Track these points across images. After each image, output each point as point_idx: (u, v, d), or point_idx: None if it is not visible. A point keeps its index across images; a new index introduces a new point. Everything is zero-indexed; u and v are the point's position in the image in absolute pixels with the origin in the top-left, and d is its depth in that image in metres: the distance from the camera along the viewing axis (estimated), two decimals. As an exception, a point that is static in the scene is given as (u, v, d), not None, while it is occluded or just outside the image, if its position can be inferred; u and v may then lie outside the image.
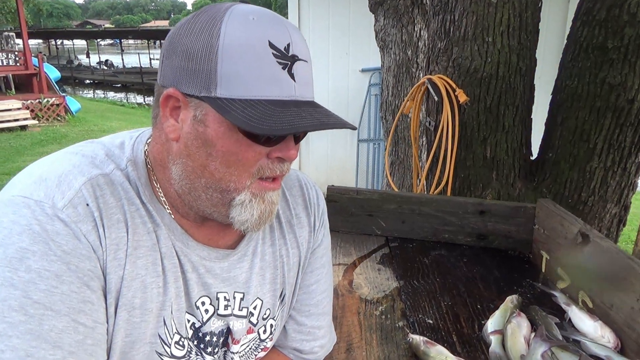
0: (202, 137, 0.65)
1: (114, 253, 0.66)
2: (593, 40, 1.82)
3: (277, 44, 0.63)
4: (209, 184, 0.68)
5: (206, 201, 0.70)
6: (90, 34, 34.99)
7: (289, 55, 0.63)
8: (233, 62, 0.61)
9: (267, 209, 0.71)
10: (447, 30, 1.91)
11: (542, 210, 1.63)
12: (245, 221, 0.70)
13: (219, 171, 0.67)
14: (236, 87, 0.61)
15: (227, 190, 0.68)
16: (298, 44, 0.65)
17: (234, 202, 0.69)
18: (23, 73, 12.22)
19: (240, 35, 0.61)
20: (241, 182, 0.68)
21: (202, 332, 0.78)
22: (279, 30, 0.64)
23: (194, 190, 0.70)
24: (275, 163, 0.69)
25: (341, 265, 1.59)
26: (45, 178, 0.65)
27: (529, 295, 1.42)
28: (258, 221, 0.71)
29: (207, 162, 0.66)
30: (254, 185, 0.69)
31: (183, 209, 0.74)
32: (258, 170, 0.68)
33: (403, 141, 3.04)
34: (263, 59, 0.62)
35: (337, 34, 5.59)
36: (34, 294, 0.58)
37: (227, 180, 0.67)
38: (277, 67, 0.62)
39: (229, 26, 0.62)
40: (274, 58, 0.62)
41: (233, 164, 0.66)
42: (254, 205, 0.69)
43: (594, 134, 1.87)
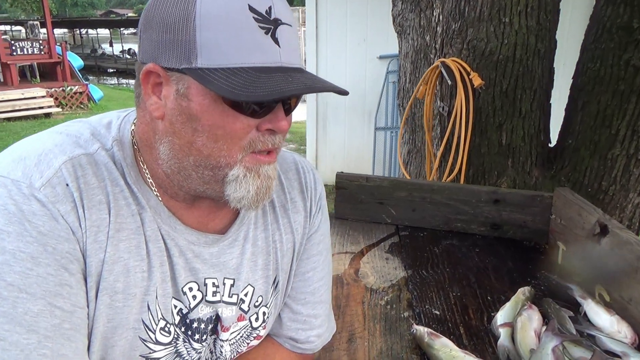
0: (186, 112, 0.62)
1: (95, 235, 0.64)
2: (617, 19, 1.73)
3: (258, 7, 0.59)
4: (199, 162, 0.65)
5: (197, 179, 0.67)
6: (113, 23, 35.37)
7: (271, 19, 0.60)
8: (212, 29, 0.58)
9: (264, 184, 0.67)
10: (462, 10, 1.84)
11: (559, 199, 1.56)
12: (242, 198, 0.67)
13: (207, 147, 0.63)
14: (217, 55, 0.58)
15: (218, 167, 0.65)
16: (280, 6, 0.61)
17: (228, 178, 0.66)
18: (47, 61, 12.45)
19: (218, 1, 0.58)
20: (232, 156, 0.64)
21: (189, 319, 0.75)
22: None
23: (184, 170, 0.67)
24: (267, 135, 0.65)
25: (348, 253, 1.56)
26: (24, 157, 0.63)
27: (543, 287, 1.37)
28: (255, 197, 0.67)
29: (193, 138, 0.63)
30: (247, 158, 0.65)
31: (172, 190, 0.71)
32: (249, 143, 0.64)
33: (421, 129, 2.97)
34: (243, 24, 0.58)
35: (355, 20, 5.49)
36: (7, 276, 0.57)
37: (216, 155, 0.64)
38: (260, 32, 0.59)
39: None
40: (255, 22, 0.59)
41: (221, 137, 0.63)
42: (249, 180, 0.66)
43: (617, 119, 1.78)
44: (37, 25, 14.77)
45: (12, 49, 11.75)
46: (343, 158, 5.97)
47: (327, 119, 5.91)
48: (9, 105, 10.36)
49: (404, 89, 3.05)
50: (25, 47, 12.08)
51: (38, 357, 0.57)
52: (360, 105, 5.74)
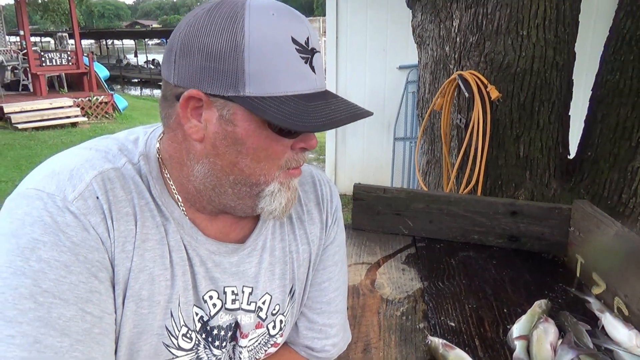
0: (231, 136, 0.66)
1: (122, 245, 0.67)
2: (637, 31, 1.72)
3: (299, 38, 0.64)
4: (238, 180, 0.70)
5: (232, 195, 0.72)
6: (137, 34, 36.21)
7: (309, 49, 0.65)
8: (260, 60, 0.62)
9: (292, 195, 0.75)
10: (480, 24, 1.85)
11: (577, 211, 1.56)
12: (274, 210, 0.73)
13: (249, 167, 0.69)
14: (265, 85, 0.62)
15: (256, 184, 0.71)
16: (313, 36, 0.67)
17: (263, 193, 0.72)
18: (75, 72, 12.78)
19: (265, 33, 0.62)
20: (270, 174, 0.70)
21: (210, 326, 0.79)
22: (299, 25, 0.65)
23: (220, 187, 0.71)
24: (299, 153, 0.72)
25: (365, 264, 1.58)
26: (58, 172, 0.67)
27: (561, 300, 1.36)
28: (285, 208, 0.74)
29: (237, 159, 0.68)
30: (282, 174, 0.71)
31: (200, 204, 0.75)
32: (286, 162, 0.70)
33: (440, 139, 2.97)
34: (288, 55, 0.63)
35: (375, 30, 5.53)
36: (43, 283, 0.60)
37: (257, 174, 0.70)
38: (301, 62, 0.64)
39: (252, 23, 0.62)
40: (297, 53, 0.64)
41: (263, 159, 0.68)
42: (282, 194, 0.72)
43: (637, 131, 1.76)
44: (66, 37, 15.20)
45: (41, 60, 12.13)
46: (362, 168, 5.98)
47: (346, 128, 5.93)
48: (37, 115, 10.67)
49: (423, 99, 3.06)
50: (54, 58, 12.43)
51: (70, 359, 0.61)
52: (379, 115, 5.75)
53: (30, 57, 11.84)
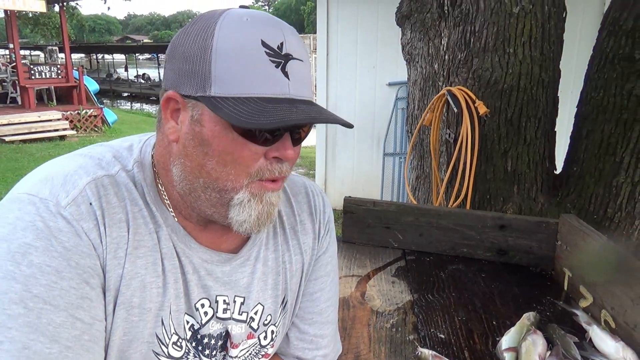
0: (198, 137, 0.66)
1: (114, 252, 0.67)
2: (620, 50, 1.77)
3: (270, 42, 0.63)
4: (207, 184, 0.69)
5: (206, 201, 0.71)
6: (128, 49, 36.25)
7: (282, 53, 0.64)
8: (226, 61, 0.62)
9: (265, 209, 0.70)
10: (467, 41, 1.90)
11: (564, 225, 1.58)
12: (244, 222, 0.70)
13: (216, 170, 0.67)
14: (229, 85, 0.62)
15: (224, 190, 0.68)
16: (292, 43, 0.65)
17: (232, 202, 0.69)
18: (64, 85, 12.74)
19: (233, 36, 0.63)
20: (238, 181, 0.68)
21: (200, 334, 0.78)
22: (272, 30, 0.64)
23: (194, 191, 0.70)
24: (274, 164, 0.69)
25: (355, 276, 1.58)
26: (51, 177, 0.67)
27: (549, 313, 1.37)
28: (257, 222, 0.70)
29: (203, 161, 0.67)
30: (254, 185, 0.69)
31: (186, 211, 0.75)
32: (257, 171, 0.68)
33: (429, 155, 3.01)
34: (255, 57, 0.62)
35: (365, 47, 5.61)
36: (34, 288, 0.60)
37: (224, 179, 0.68)
38: (270, 65, 0.63)
39: (223, 28, 0.63)
40: (267, 56, 0.63)
41: (229, 163, 0.66)
42: (252, 205, 0.69)
43: (621, 147, 1.80)
44: (56, 50, 15.18)
45: (30, 73, 12.07)
46: (352, 183, 6.00)
47: (336, 144, 5.97)
48: (25, 128, 10.58)
49: (412, 115, 3.10)
50: (43, 71, 12.39)
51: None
52: (369, 130, 5.80)
53: (20, 70, 11.80)
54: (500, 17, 1.82)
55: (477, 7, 1.88)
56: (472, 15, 1.88)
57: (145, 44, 35.22)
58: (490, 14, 1.83)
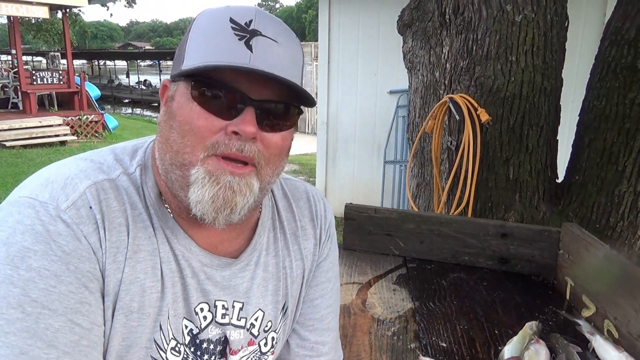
0: (170, 111, 0.69)
1: (114, 256, 0.67)
2: (622, 60, 1.77)
3: (239, 19, 0.66)
4: (172, 160, 0.67)
5: (175, 182, 0.68)
6: (130, 55, 36.43)
7: (249, 29, 0.66)
8: (196, 38, 0.67)
9: (222, 193, 0.65)
10: (470, 49, 1.90)
11: (567, 234, 1.57)
12: (198, 202, 0.66)
13: (177, 142, 0.66)
14: (194, 58, 0.65)
15: (183, 165, 0.66)
16: (264, 23, 0.67)
17: (191, 180, 0.66)
18: (66, 91, 12.78)
19: (208, 17, 0.68)
20: (194, 153, 0.65)
21: (199, 339, 0.77)
22: (245, 11, 0.67)
23: (167, 173, 0.69)
24: (233, 140, 0.65)
25: (356, 284, 1.57)
26: (52, 181, 0.67)
27: (551, 322, 1.36)
28: (211, 206, 0.65)
29: (169, 134, 0.68)
30: (210, 161, 0.65)
31: (175, 205, 0.73)
32: (213, 144, 0.65)
33: (429, 163, 3.00)
34: (220, 31, 0.65)
35: (366, 55, 5.63)
36: (32, 293, 0.59)
37: (182, 152, 0.66)
38: (234, 38, 0.65)
39: (203, 13, 0.69)
40: (232, 31, 0.65)
41: (187, 133, 0.65)
42: (206, 184, 0.65)
43: (623, 156, 1.80)
44: (58, 56, 15.23)
45: (32, 79, 12.11)
46: (352, 190, 5.99)
47: (336, 151, 5.97)
48: (26, 133, 10.59)
49: (413, 123, 3.10)
50: (45, 77, 12.43)
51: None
52: (370, 138, 5.81)
53: (22, 75, 11.83)
54: (503, 26, 1.82)
55: (479, 15, 1.88)
56: (475, 24, 1.88)
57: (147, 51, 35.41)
58: (492, 22, 1.84)
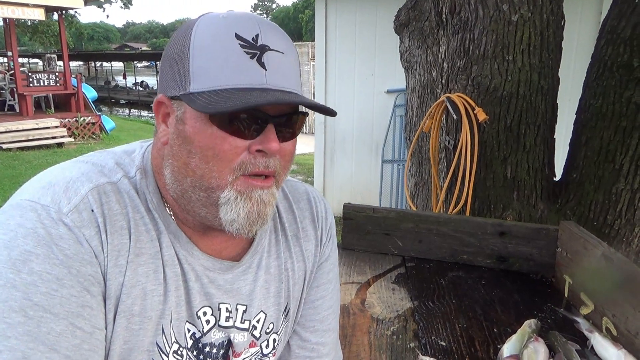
0: (182, 135, 0.67)
1: (115, 259, 0.67)
2: (618, 58, 1.78)
3: (244, 35, 0.64)
4: (194, 183, 0.68)
5: (197, 202, 0.69)
6: (126, 56, 36.33)
7: (258, 45, 0.64)
8: (201, 57, 0.63)
9: (255, 208, 0.68)
10: (467, 48, 1.91)
11: (564, 232, 1.58)
12: (233, 221, 0.67)
13: (200, 167, 0.66)
14: (205, 79, 0.63)
15: (210, 188, 0.67)
16: (270, 35, 0.66)
17: (220, 201, 0.67)
18: (62, 93, 12.74)
19: (208, 32, 0.64)
20: (222, 177, 0.66)
21: (202, 343, 0.77)
22: (247, 23, 0.65)
23: (185, 193, 0.70)
24: (258, 157, 0.66)
25: (354, 283, 1.57)
26: (53, 184, 0.67)
27: (550, 320, 1.37)
28: (247, 221, 0.68)
29: (188, 159, 0.67)
30: (239, 182, 0.67)
31: (182, 215, 0.74)
32: (240, 165, 0.66)
33: (427, 162, 3.01)
34: (229, 50, 0.63)
35: (363, 55, 5.63)
36: (34, 296, 0.59)
37: (208, 176, 0.66)
38: (245, 57, 0.63)
39: (199, 27, 0.65)
40: (241, 48, 0.63)
41: (211, 159, 0.65)
42: (239, 203, 0.67)
43: (620, 154, 1.81)
44: (54, 58, 15.20)
45: (29, 81, 12.07)
46: (350, 190, 6.00)
47: (334, 151, 5.98)
48: (22, 135, 10.56)
49: (410, 122, 3.11)
50: (41, 79, 12.39)
51: None
52: (367, 138, 5.81)
53: (18, 77, 11.79)
54: (499, 25, 1.83)
55: (476, 15, 1.89)
56: (472, 23, 1.89)
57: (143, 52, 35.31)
58: (489, 21, 1.84)
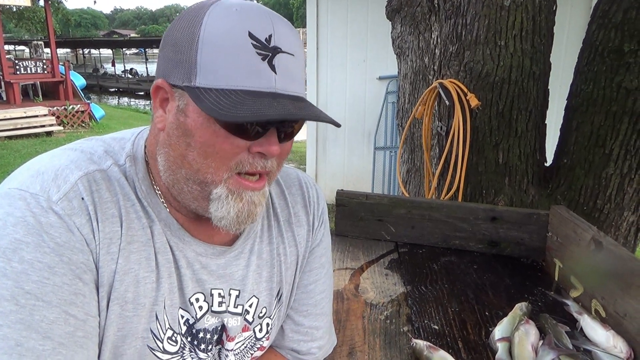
0: (182, 127, 0.66)
1: (107, 247, 0.67)
2: (609, 43, 1.78)
3: (258, 34, 0.62)
4: (189, 175, 0.68)
5: (188, 194, 0.70)
6: (115, 43, 35.82)
7: (270, 46, 0.63)
8: (212, 52, 0.61)
9: (246, 208, 0.69)
10: (459, 34, 1.90)
11: (555, 217, 1.59)
12: (222, 218, 0.68)
13: (197, 162, 0.66)
14: (213, 76, 0.61)
15: (204, 182, 0.67)
16: (283, 36, 0.64)
17: (212, 196, 0.68)
18: (50, 80, 12.56)
19: (220, 26, 0.62)
20: (218, 174, 0.66)
21: (195, 329, 0.78)
22: (262, 22, 0.63)
23: (177, 182, 0.70)
24: (257, 158, 0.67)
25: (348, 269, 1.58)
26: (42, 172, 0.66)
27: (541, 303, 1.39)
28: (236, 220, 0.69)
29: (186, 152, 0.66)
30: (232, 180, 0.67)
31: (175, 203, 0.74)
32: (237, 164, 0.66)
33: (420, 148, 3.02)
34: (241, 49, 0.61)
35: (355, 41, 5.60)
36: (26, 285, 0.59)
37: (204, 171, 0.66)
38: (256, 58, 0.62)
39: (211, 17, 0.62)
40: (253, 49, 0.62)
41: (210, 155, 0.65)
42: (230, 202, 0.68)
43: (610, 139, 1.82)
44: (41, 45, 14.92)
45: (15, 68, 11.88)
46: (343, 177, 6.01)
47: (326, 138, 5.97)
48: (10, 124, 10.42)
49: (403, 109, 3.11)
50: (28, 67, 12.19)
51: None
52: (359, 125, 5.81)
53: (4, 65, 11.59)
54: (492, 10, 1.82)
55: (468, 0, 1.88)
56: (464, 8, 1.88)
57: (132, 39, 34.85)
58: (481, 6, 1.84)
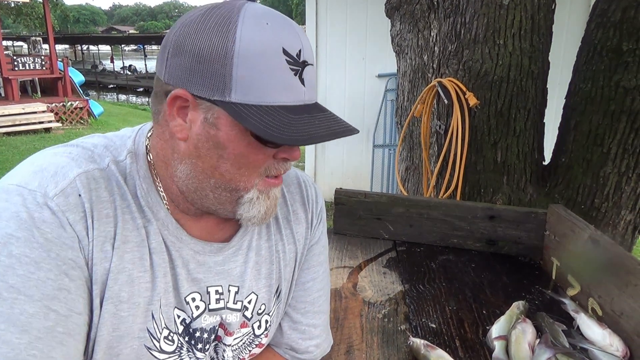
0: (213, 140, 0.66)
1: (101, 245, 0.67)
2: (607, 42, 1.79)
3: (290, 50, 0.64)
4: (219, 184, 0.70)
5: (213, 199, 0.72)
6: (114, 40, 35.72)
7: (300, 61, 0.65)
8: (248, 68, 0.61)
9: (272, 204, 0.75)
10: (458, 32, 1.90)
11: (553, 215, 1.60)
12: (253, 217, 0.74)
13: (230, 172, 0.69)
14: (251, 92, 0.62)
15: (236, 189, 0.71)
16: (307, 48, 0.67)
17: (242, 200, 0.72)
18: (49, 77, 12.52)
19: (256, 41, 0.62)
20: (250, 181, 0.71)
21: (192, 328, 0.78)
22: (291, 37, 0.65)
23: (202, 190, 0.71)
24: (281, 163, 0.72)
25: (346, 268, 1.58)
26: (43, 169, 0.66)
27: (537, 302, 1.39)
28: (264, 216, 0.75)
29: (218, 163, 0.68)
30: (261, 183, 0.72)
31: (184, 205, 0.75)
32: (265, 169, 0.71)
33: (418, 146, 3.02)
34: (277, 65, 0.63)
35: (354, 39, 5.59)
36: (10, 279, 0.60)
37: (236, 180, 0.70)
38: (290, 74, 0.64)
39: (244, 30, 0.62)
40: (287, 64, 0.63)
41: (243, 165, 0.69)
42: (261, 202, 0.73)
43: (608, 138, 1.83)
44: (40, 41, 14.87)
45: (14, 64, 11.84)
46: (341, 175, 6.01)
47: (325, 136, 5.96)
48: (9, 120, 10.40)
49: (402, 107, 3.11)
50: (27, 63, 12.15)
51: (27, 357, 0.59)
52: (358, 122, 5.81)
53: (2, 61, 11.55)
54: (491, 9, 1.82)
55: (467, -2, 1.88)
56: (463, 7, 1.88)
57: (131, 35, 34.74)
58: (480, 5, 1.84)
